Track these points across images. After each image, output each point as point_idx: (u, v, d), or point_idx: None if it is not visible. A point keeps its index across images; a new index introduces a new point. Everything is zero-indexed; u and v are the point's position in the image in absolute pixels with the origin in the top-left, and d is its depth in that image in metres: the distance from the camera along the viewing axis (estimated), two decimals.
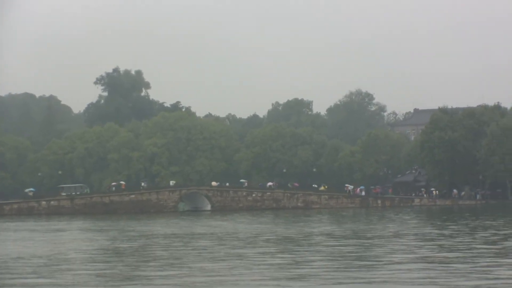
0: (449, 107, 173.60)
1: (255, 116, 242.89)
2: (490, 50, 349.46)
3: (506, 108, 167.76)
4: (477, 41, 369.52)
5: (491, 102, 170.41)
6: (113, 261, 49.63)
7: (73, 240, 72.95)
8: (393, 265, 42.18)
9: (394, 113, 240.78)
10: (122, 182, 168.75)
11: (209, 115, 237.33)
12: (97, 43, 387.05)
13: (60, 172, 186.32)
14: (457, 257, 46.75)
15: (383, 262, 44.35)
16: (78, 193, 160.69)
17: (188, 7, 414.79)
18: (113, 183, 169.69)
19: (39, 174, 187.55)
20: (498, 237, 62.75)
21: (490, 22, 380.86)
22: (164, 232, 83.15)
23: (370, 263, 44.82)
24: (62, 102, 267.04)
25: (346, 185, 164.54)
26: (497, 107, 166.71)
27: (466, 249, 52.26)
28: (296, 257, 48.76)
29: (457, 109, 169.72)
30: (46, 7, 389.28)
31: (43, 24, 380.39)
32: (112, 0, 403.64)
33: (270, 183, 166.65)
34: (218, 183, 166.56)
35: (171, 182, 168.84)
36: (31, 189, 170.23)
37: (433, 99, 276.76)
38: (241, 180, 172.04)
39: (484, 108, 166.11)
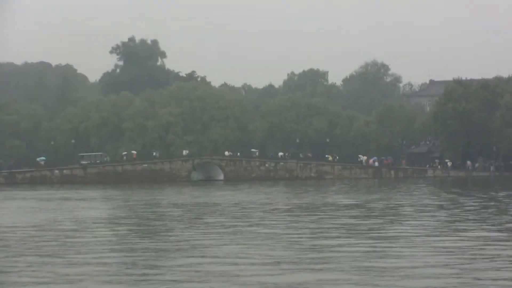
0: (464, 78, 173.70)
1: (270, 86, 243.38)
2: (508, 24, 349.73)
3: None
4: (495, 15, 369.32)
5: (506, 74, 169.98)
6: (100, 230, 49.11)
7: (73, 209, 71.72)
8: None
9: (409, 84, 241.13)
10: (133, 152, 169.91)
11: (224, 85, 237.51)
12: (113, 12, 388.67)
13: (73, 141, 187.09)
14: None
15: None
16: (98, 161, 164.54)
17: None
18: (124, 153, 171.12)
19: (52, 142, 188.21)
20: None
21: None
22: (167, 202, 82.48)
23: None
24: (78, 71, 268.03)
25: (360, 156, 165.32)
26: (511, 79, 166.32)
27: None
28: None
29: (472, 81, 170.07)
30: None
31: None
32: None
33: (281, 153, 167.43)
34: (231, 153, 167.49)
35: (184, 152, 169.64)
36: (43, 157, 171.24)
37: (449, 71, 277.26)
38: (252, 150, 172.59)
39: (498, 79, 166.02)
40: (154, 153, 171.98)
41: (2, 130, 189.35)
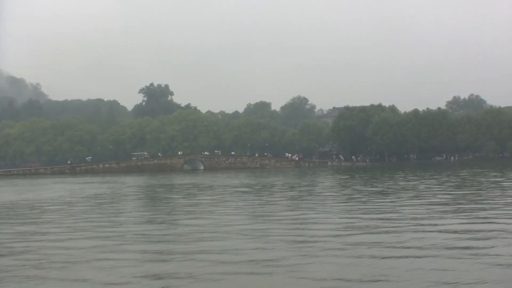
0: (351, 105, 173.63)
1: (236, 112, 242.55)
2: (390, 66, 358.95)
3: (385, 106, 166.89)
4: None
5: (376, 102, 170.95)
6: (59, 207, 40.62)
7: (73, 189, 65.65)
8: None
9: (321, 109, 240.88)
10: (145, 153, 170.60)
11: (208, 111, 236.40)
12: (139, 60, 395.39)
13: (111, 147, 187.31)
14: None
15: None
16: (142, 158, 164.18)
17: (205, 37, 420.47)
18: (137, 153, 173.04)
19: (99, 147, 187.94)
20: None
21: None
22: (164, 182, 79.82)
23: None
24: (121, 104, 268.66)
25: (286, 153, 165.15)
26: (380, 106, 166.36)
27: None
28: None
29: (355, 107, 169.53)
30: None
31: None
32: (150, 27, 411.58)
33: (232, 153, 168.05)
34: (208, 152, 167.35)
35: (179, 152, 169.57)
36: (90, 157, 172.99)
37: (345, 99, 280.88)
38: (215, 151, 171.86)
39: (372, 106, 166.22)
40: (159, 154, 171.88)
41: (71, 141, 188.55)
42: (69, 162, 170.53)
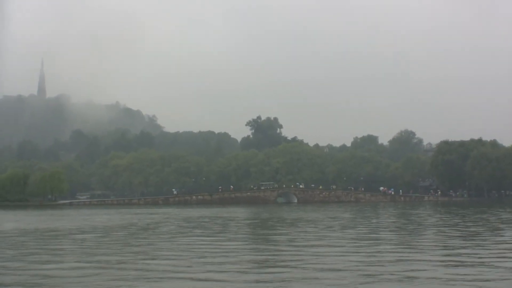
0: (456, 139, 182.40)
1: (343, 145, 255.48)
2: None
3: (486, 141, 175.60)
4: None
5: (477, 136, 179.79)
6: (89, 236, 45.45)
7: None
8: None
9: (430, 143, 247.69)
10: (231, 186, 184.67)
11: (315, 145, 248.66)
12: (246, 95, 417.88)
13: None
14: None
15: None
16: (270, 187, 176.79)
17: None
18: (265, 183, 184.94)
19: (203, 179, 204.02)
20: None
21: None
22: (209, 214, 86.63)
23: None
24: (232, 136, 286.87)
25: (381, 187, 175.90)
26: (480, 140, 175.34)
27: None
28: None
29: (455, 142, 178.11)
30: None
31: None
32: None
33: (312, 185, 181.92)
34: (302, 185, 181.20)
35: (274, 185, 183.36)
36: (175, 189, 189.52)
37: (454, 134, 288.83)
38: (296, 183, 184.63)
39: (471, 141, 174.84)
40: (252, 186, 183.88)
41: (178, 172, 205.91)
42: (174, 192, 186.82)
